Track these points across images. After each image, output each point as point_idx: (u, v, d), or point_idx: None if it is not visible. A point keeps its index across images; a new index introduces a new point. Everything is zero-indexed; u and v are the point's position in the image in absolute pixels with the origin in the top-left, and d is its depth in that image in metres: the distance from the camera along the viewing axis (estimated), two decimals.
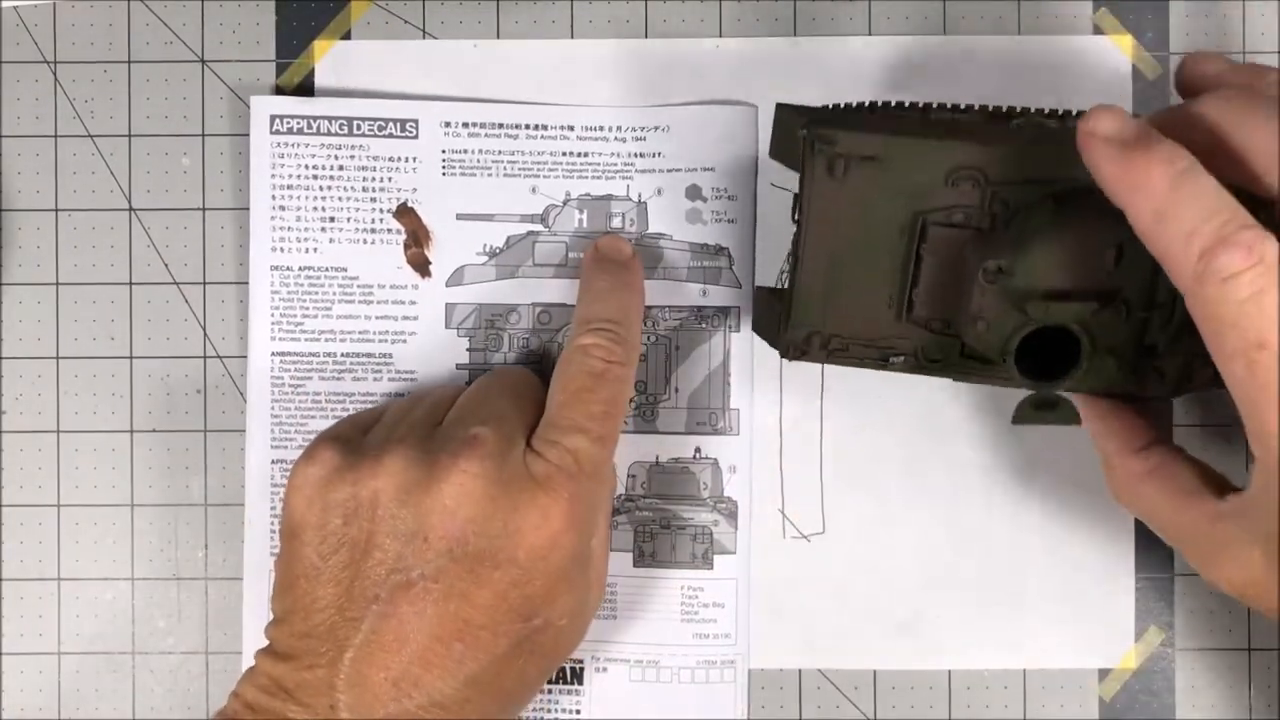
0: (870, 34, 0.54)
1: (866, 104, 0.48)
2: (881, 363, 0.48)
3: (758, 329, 0.52)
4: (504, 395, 0.49)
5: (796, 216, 0.46)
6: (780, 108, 0.47)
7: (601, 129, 0.53)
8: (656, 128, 0.53)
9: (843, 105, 0.48)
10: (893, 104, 0.48)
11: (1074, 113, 0.48)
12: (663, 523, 0.54)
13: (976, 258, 0.44)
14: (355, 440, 0.48)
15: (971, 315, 0.44)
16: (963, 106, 0.48)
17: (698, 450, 0.54)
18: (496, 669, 0.46)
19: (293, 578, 0.46)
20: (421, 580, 0.45)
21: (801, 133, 0.44)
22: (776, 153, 0.48)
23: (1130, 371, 0.45)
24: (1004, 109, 0.48)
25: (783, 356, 0.48)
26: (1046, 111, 0.48)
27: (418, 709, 0.45)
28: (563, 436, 0.47)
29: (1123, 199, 0.39)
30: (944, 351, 0.47)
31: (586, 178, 0.53)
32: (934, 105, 0.48)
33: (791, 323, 0.47)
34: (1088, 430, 0.47)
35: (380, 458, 0.46)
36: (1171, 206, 0.38)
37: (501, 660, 0.46)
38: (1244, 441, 0.39)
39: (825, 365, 0.53)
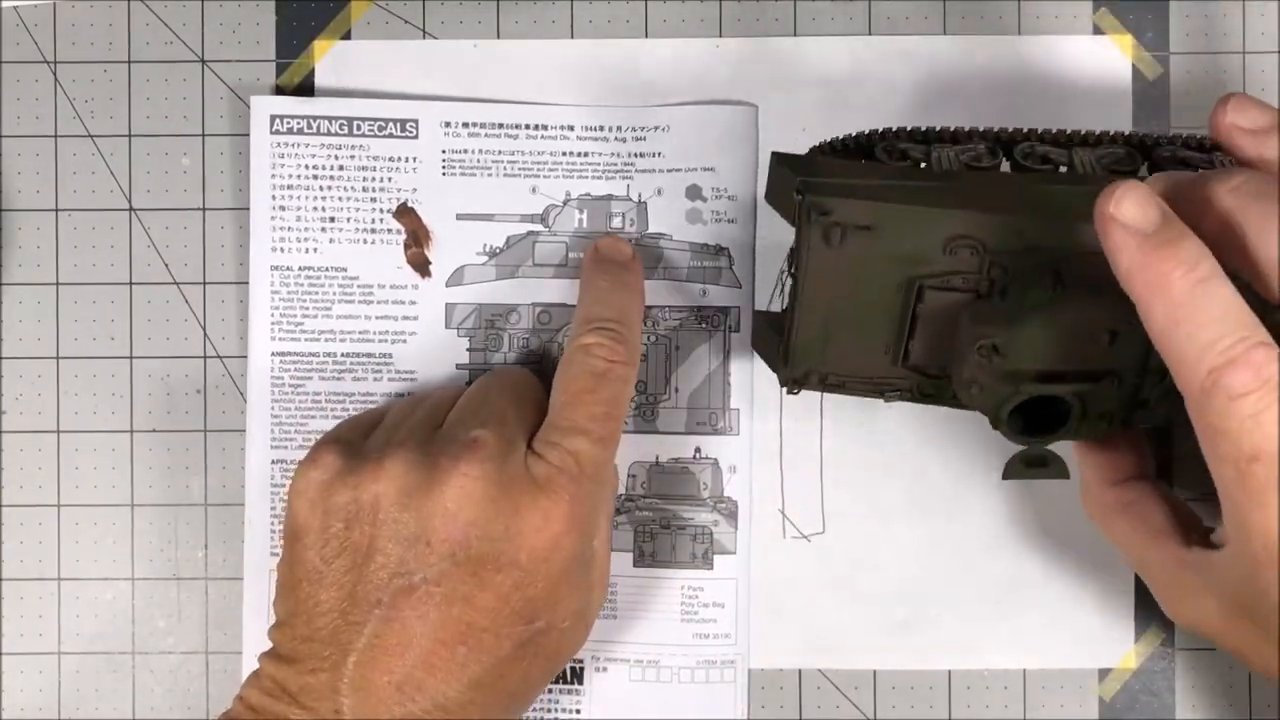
0: (870, 34, 0.54)
1: (864, 136, 0.47)
2: (878, 396, 0.48)
3: (756, 348, 0.52)
4: (504, 396, 0.49)
5: (793, 270, 0.46)
6: (775, 156, 0.46)
7: (601, 129, 0.53)
8: (656, 127, 0.53)
9: (839, 139, 0.48)
10: (892, 131, 0.47)
11: (1079, 135, 0.48)
12: (663, 523, 0.54)
13: (971, 326, 0.43)
14: (357, 443, 0.48)
15: (964, 381, 0.44)
16: (966, 130, 0.48)
17: (698, 450, 0.54)
18: (500, 671, 0.46)
19: (295, 581, 0.46)
20: (424, 584, 0.45)
21: (797, 197, 0.43)
22: (771, 199, 0.47)
23: (1123, 424, 0.46)
24: (1008, 132, 0.47)
25: (781, 386, 0.48)
26: (1050, 136, 0.47)
27: (422, 712, 0.45)
28: (564, 438, 0.47)
29: (1137, 295, 0.40)
30: (938, 389, 0.47)
31: (586, 177, 0.53)
32: (935, 131, 0.47)
33: (789, 363, 0.47)
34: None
35: (381, 462, 0.46)
36: (1188, 315, 0.39)
37: (505, 662, 0.46)
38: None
39: None
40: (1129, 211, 0.40)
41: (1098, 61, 0.54)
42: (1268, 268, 0.40)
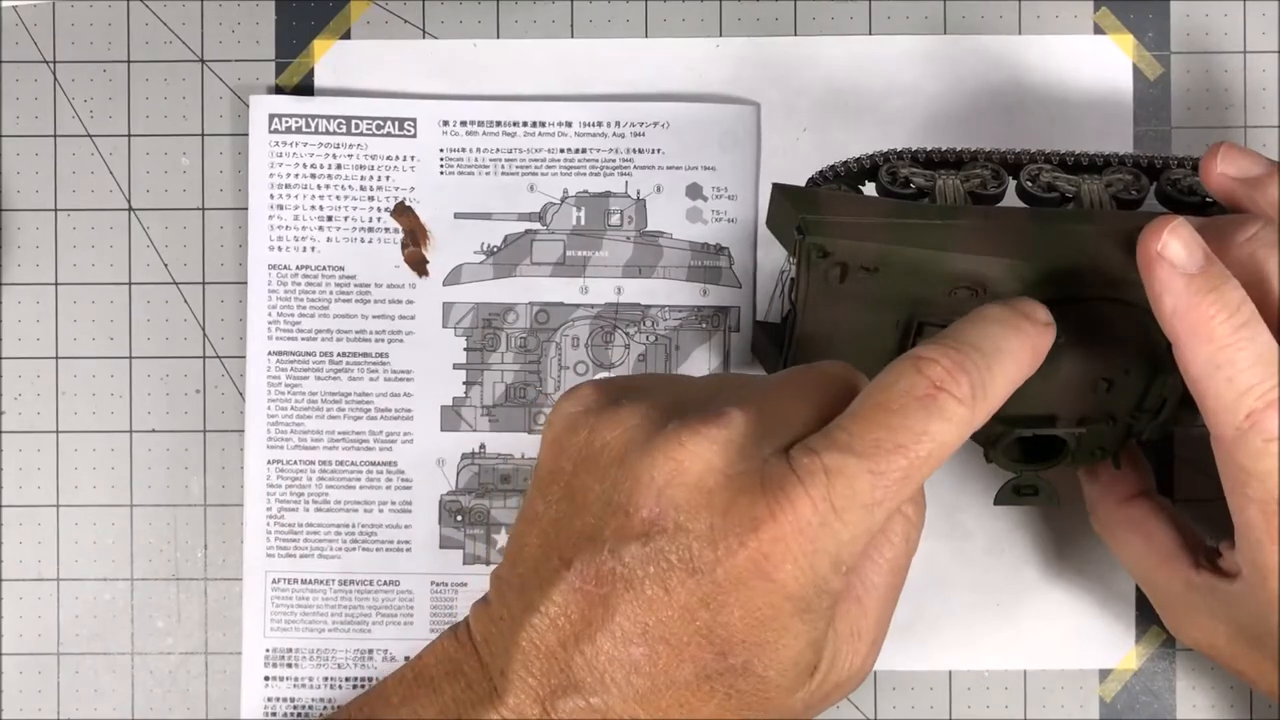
0: (870, 34, 0.54)
1: (867, 159, 0.47)
2: None
3: (756, 355, 0.52)
4: (798, 388, 0.41)
5: (792, 298, 0.46)
6: (775, 189, 0.44)
7: (600, 124, 0.53)
8: (656, 124, 0.53)
9: (842, 164, 0.47)
10: (896, 153, 0.47)
11: (1085, 158, 0.47)
12: None
13: None
14: (622, 388, 0.42)
15: None
16: (971, 151, 0.47)
17: None
18: (677, 698, 0.39)
19: (521, 514, 0.42)
20: (612, 558, 0.38)
21: (798, 236, 0.43)
22: (772, 228, 0.46)
23: (1115, 455, 0.47)
24: (1014, 154, 0.47)
25: None
26: (1057, 159, 0.47)
27: (580, 713, 0.39)
28: (826, 450, 0.38)
29: (1179, 335, 0.40)
30: None
31: (584, 174, 0.53)
32: (939, 153, 0.47)
33: None
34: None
35: (620, 407, 0.40)
36: (1229, 359, 0.40)
37: (682, 689, 0.39)
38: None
39: None
40: (1177, 253, 0.40)
41: (1098, 61, 0.54)
42: None
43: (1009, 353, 0.40)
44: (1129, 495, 0.49)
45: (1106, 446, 0.46)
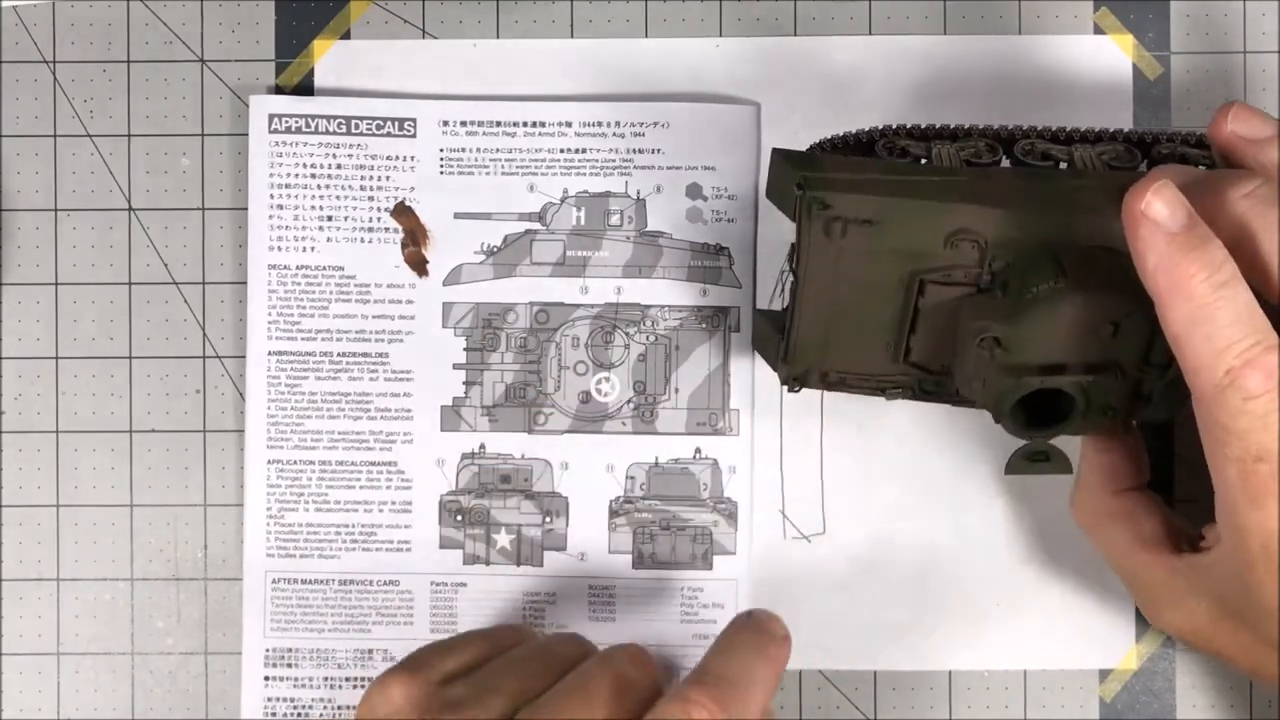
0: (870, 34, 0.54)
1: (864, 134, 0.48)
2: (879, 393, 0.48)
3: (756, 347, 0.52)
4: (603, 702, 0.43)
5: (793, 266, 0.46)
6: (775, 153, 0.46)
7: (600, 124, 0.53)
8: (656, 124, 0.53)
9: (840, 136, 0.48)
10: (893, 128, 0.48)
11: (1078, 132, 0.48)
12: (663, 524, 0.54)
13: (973, 320, 0.44)
14: (433, 680, 0.44)
15: (967, 375, 0.44)
16: (965, 127, 0.48)
17: (698, 451, 0.54)
18: None
19: None
20: None
21: (797, 193, 0.44)
22: (772, 196, 0.46)
23: (1125, 418, 0.46)
24: (1007, 129, 0.48)
25: (782, 385, 0.48)
26: (1050, 133, 0.47)
27: None
28: None
29: (1159, 292, 0.41)
30: (940, 386, 0.48)
31: (584, 174, 0.53)
32: (934, 129, 0.48)
33: (789, 362, 0.48)
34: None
35: None
36: (1208, 316, 0.40)
37: None
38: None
39: None
40: (1160, 211, 0.41)
41: (1098, 61, 0.54)
42: (1273, 272, 0.41)
43: (760, 681, 0.43)
44: (1124, 486, 0.49)
45: (1116, 405, 0.45)
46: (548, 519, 0.54)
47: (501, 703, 0.43)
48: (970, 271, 0.44)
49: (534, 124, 0.54)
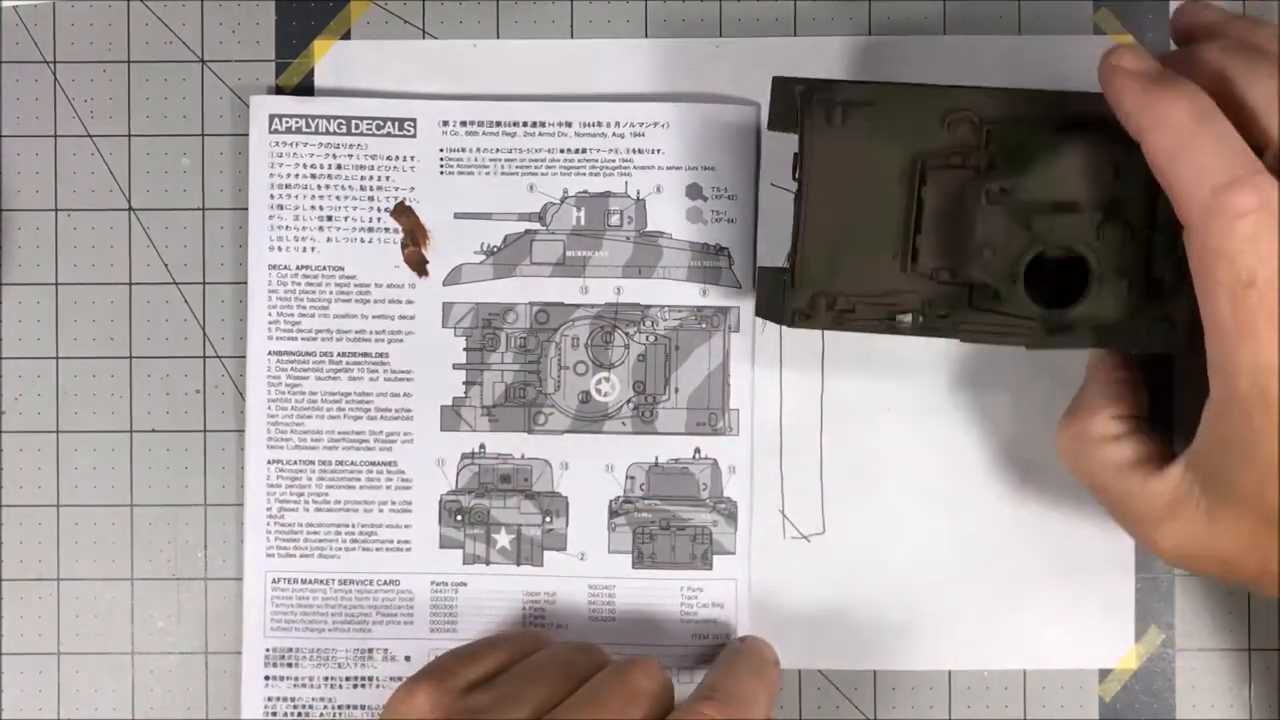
0: (870, 34, 0.54)
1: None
2: (889, 323, 0.48)
3: (762, 311, 0.50)
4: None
5: (797, 175, 0.47)
6: (776, 79, 0.48)
7: (600, 124, 0.53)
8: (656, 124, 0.53)
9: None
10: (879, 83, 0.49)
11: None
12: (662, 524, 0.54)
13: (978, 189, 0.45)
14: (457, 688, 0.46)
15: (978, 245, 0.45)
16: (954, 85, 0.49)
17: (697, 450, 0.54)
18: None
19: None
20: None
21: (799, 88, 0.46)
22: (775, 122, 0.48)
23: (1141, 298, 0.45)
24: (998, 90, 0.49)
25: (788, 324, 0.48)
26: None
27: None
28: None
29: (1142, 131, 0.41)
30: (951, 305, 0.47)
31: (584, 174, 0.53)
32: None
33: (797, 284, 0.48)
34: (1085, 370, 0.49)
35: None
36: (1190, 143, 0.40)
37: None
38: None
39: (825, 366, 0.53)
40: (1131, 60, 0.42)
41: (1098, 62, 0.54)
42: (1264, 111, 0.41)
43: (760, 700, 0.48)
44: (1125, 412, 0.47)
45: (1129, 269, 0.45)
46: (548, 519, 0.54)
47: (523, 711, 0.45)
48: (970, 153, 0.46)
49: (534, 124, 0.54)
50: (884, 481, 0.54)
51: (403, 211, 0.54)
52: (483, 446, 0.54)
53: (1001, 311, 0.46)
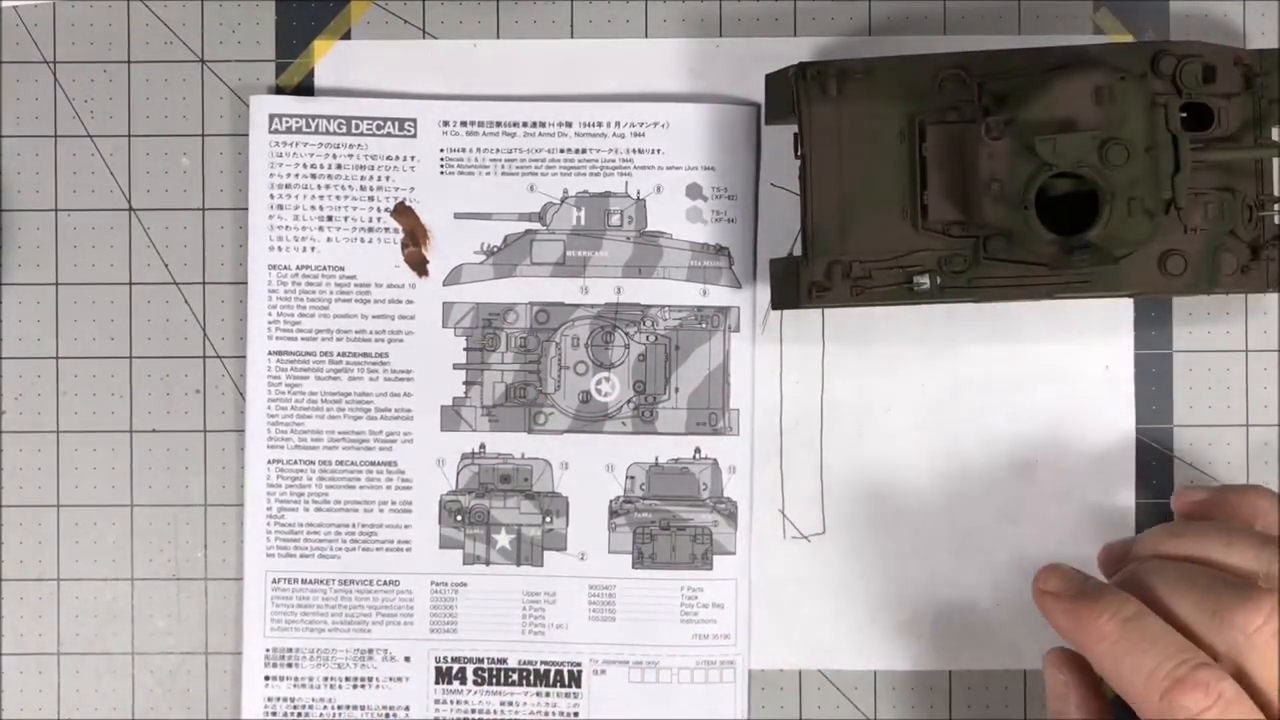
0: (870, 34, 0.54)
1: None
2: (907, 288, 0.48)
3: (776, 302, 0.50)
4: None
5: (799, 153, 0.48)
6: (769, 75, 0.50)
7: (600, 124, 0.53)
8: (656, 124, 0.53)
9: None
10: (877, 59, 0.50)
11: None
12: (662, 524, 0.54)
13: (977, 134, 0.46)
14: None
15: (985, 181, 0.46)
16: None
17: (697, 450, 0.54)
18: None
19: None
20: None
21: (792, 69, 0.48)
22: (772, 114, 0.50)
23: (1153, 221, 0.46)
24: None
25: (805, 303, 0.48)
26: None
27: None
28: None
29: (1081, 646, 0.44)
30: (966, 261, 0.48)
31: (584, 174, 0.53)
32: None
33: (811, 254, 0.48)
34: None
35: None
36: (1125, 650, 0.42)
37: None
38: None
39: (826, 357, 0.53)
40: (1055, 583, 0.46)
41: None
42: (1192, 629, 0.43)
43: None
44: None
45: (1136, 186, 0.45)
46: (548, 519, 0.54)
47: None
48: (965, 108, 0.47)
49: (534, 124, 0.54)
50: (884, 481, 0.54)
51: (403, 211, 0.54)
52: (483, 446, 0.54)
53: (1016, 259, 0.47)
